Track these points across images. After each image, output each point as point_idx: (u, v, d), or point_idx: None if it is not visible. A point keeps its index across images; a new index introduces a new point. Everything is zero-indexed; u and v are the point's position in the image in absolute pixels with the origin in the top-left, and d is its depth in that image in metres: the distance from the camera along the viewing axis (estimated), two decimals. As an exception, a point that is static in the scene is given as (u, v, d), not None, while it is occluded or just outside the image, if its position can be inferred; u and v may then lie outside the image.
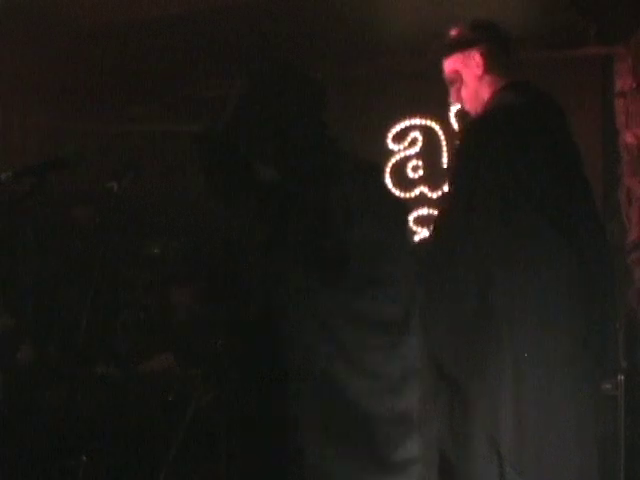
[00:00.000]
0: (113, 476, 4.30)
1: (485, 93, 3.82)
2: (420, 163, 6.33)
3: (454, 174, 3.79)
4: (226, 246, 3.11)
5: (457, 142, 3.91)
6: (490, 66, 3.82)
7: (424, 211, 6.26)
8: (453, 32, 3.90)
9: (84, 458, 4.04)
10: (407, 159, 6.34)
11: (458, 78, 3.86)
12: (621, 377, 4.55)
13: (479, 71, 3.82)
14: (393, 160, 6.34)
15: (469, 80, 3.84)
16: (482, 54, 3.82)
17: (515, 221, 3.57)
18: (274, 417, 2.79)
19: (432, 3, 5.53)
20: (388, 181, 6.31)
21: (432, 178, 6.30)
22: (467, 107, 3.91)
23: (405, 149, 6.34)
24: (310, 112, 2.96)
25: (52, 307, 5.00)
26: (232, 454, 3.10)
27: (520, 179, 3.60)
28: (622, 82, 5.93)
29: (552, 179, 3.66)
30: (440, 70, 4.01)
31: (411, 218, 6.26)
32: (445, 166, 6.25)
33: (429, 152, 6.31)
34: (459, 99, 3.91)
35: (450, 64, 3.88)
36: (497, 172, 3.60)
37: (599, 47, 5.93)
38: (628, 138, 5.89)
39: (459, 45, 3.84)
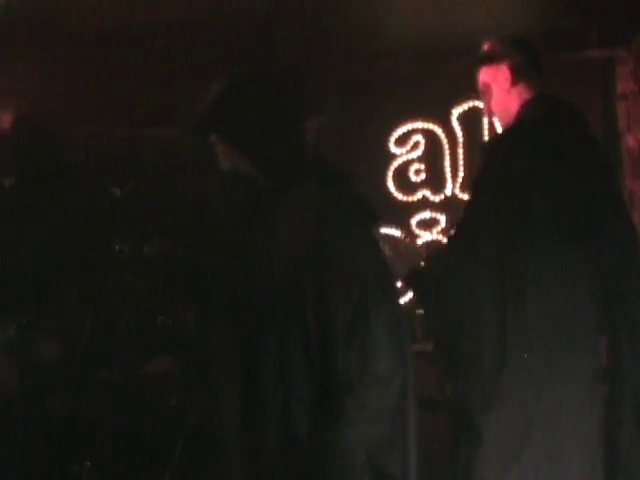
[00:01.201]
0: (117, 481, 4.31)
1: (514, 106, 3.87)
2: (422, 166, 6.33)
3: (474, 187, 3.83)
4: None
5: (482, 156, 3.95)
6: (518, 79, 3.87)
7: (427, 214, 6.27)
8: (486, 46, 3.96)
9: (88, 463, 4.05)
10: (409, 163, 6.34)
11: (488, 90, 3.92)
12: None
13: (507, 84, 3.88)
14: (395, 164, 6.35)
15: (498, 92, 3.90)
16: (510, 67, 3.88)
17: (529, 237, 3.61)
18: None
19: (434, 7, 5.54)
20: (390, 184, 6.32)
21: (434, 181, 6.31)
22: (497, 119, 3.97)
23: (407, 152, 6.34)
24: (280, 115, 3.01)
25: (54, 311, 5.00)
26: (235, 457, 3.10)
27: (539, 193, 3.65)
28: (624, 85, 5.94)
29: (574, 192, 3.70)
30: (441, 74, 4.06)
31: (413, 222, 6.27)
32: (447, 170, 6.27)
33: (431, 155, 6.31)
34: (490, 111, 3.98)
35: (482, 76, 3.95)
36: (516, 186, 3.64)
37: (600, 50, 5.94)
38: (630, 141, 5.90)
39: (488, 59, 3.91)
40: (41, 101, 6.16)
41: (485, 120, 6.05)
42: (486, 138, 6.06)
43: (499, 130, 5.31)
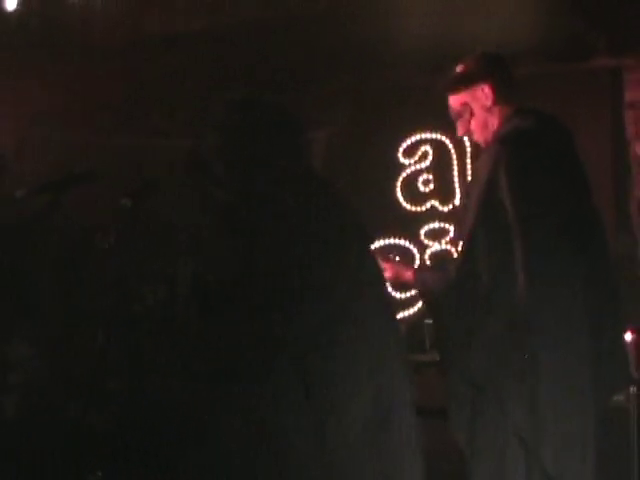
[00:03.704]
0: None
1: (494, 122, 3.88)
2: (431, 177, 6.34)
3: (480, 193, 3.82)
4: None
5: (480, 163, 3.93)
6: (499, 96, 3.89)
7: (435, 225, 6.28)
8: (460, 68, 3.95)
9: (99, 473, 4.05)
10: (418, 173, 6.35)
11: (467, 110, 3.91)
12: (633, 389, 4.55)
13: (488, 102, 3.88)
14: (404, 174, 6.36)
15: (478, 111, 3.90)
16: (490, 86, 3.88)
17: (534, 238, 3.63)
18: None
19: (442, 18, 5.56)
20: (399, 195, 6.33)
21: (443, 192, 6.32)
22: (476, 138, 3.96)
23: (416, 163, 6.35)
24: (279, 143, 3.04)
25: (67, 323, 5.02)
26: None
27: (539, 199, 3.67)
28: (632, 93, 5.95)
29: (566, 198, 3.73)
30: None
31: (422, 232, 6.27)
32: (456, 180, 6.28)
33: (440, 166, 6.32)
34: (467, 131, 3.96)
35: (457, 98, 3.93)
36: (521, 192, 3.66)
37: (608, 59, 5.95)
38: (638, 149, 5.91)
39: (468, 81, 3.90)
40: (49, 110, 6.18)
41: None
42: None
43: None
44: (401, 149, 6.35)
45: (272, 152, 3.03)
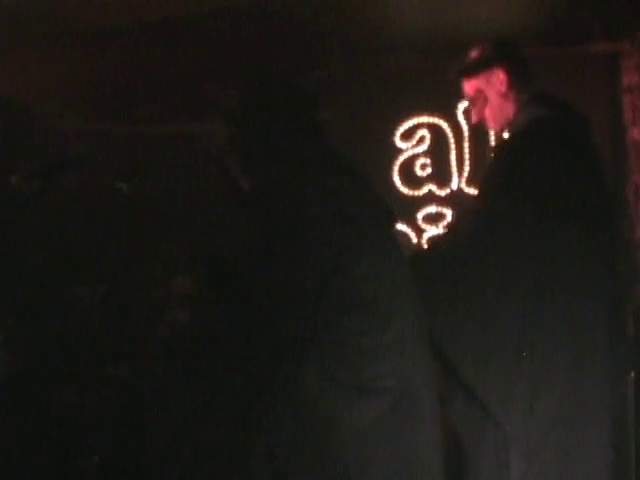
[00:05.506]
0: (125, 476, 4.32)
1: (510, 109, 3.87)
2: (428, 161, 6.33)
3: (491, 184, 3.80)
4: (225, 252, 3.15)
5: (494, 156, 3.92)
6: (514, 82, 3.87)
7: (432, 209, 6.28)
8: (474, 53, 3.92)
9: (96, 458, 4.07)
10: (415, 157, 6.35)
11: (481, 97, 3.89)
12: (631, 374, 4.55)
13: (503, 88, 3.87)
14: (401, 158, 6.35)
15: (493, 98, 3.88)
16: (505, 71, 3.86)
17: (546, 230, 3.63)
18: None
19: (440, 2, 5.54)
20: (396, 179, 6.33)
21: (440, 176, 6.32)
22: (491, 124, 3.94)
23: (413, 147, 6.35)
24: (296, 123, 3.00)
25: (61, 308, 5.01)
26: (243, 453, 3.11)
27: (555, 190, 3.66)
28: (629, 78, 5.95)
29: (581, 187, 3.72)
30: (447, 69, 4.03)
31: (419, 216, 6.27)
32: (453, 164, 6.27)
33: (437, 150, 6.32)
34: (482, 117, 3.94)
35: (472, 84, 3.92)
36: (536, 184, 3.64)
37: (606, 43, 5.95)
38: (635, 135, 5.91)
39: (482, 65, 3.88)
40: (45, 96, 6.17)
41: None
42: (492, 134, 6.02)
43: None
44: (398, 133, 6.35)
45: (289, 135, 2.98)
